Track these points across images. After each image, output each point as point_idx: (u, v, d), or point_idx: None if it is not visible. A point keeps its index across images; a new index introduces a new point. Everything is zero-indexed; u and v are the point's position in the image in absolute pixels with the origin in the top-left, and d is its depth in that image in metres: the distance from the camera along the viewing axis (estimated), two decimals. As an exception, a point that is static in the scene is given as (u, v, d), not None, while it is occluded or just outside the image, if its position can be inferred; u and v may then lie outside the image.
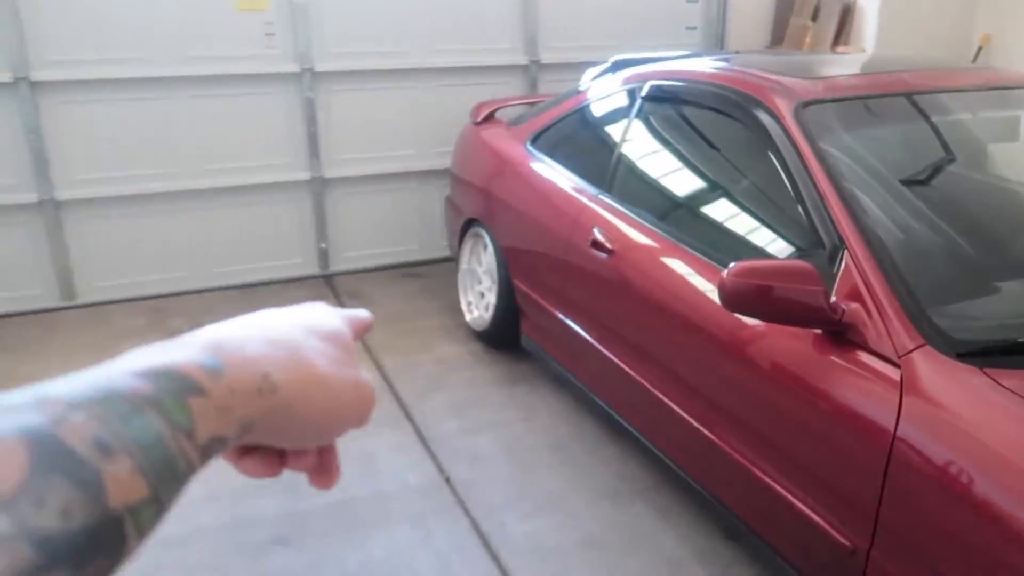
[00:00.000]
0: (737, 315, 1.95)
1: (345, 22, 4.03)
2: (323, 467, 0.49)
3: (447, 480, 2.59)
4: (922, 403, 1.57)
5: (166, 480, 0.32)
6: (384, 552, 2.26)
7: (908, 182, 2.18)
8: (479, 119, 3.74)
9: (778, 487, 1.89)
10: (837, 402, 1.73)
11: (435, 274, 4.25)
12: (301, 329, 0.44)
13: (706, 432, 2.12)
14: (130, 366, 0.34)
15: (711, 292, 2.08)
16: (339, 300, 4.00)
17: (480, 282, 3.53)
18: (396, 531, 2.35)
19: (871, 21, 4.51)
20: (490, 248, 3.37)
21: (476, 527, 2.37)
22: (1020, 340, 1.63)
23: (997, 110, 2.51)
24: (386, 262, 4.40)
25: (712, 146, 2.66)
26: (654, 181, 2.73)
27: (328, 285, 4.19)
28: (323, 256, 4.29)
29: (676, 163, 2.72)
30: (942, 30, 4.59)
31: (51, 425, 0.30)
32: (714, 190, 2.55)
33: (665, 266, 2.35)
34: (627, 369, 2.47)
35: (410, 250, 4.45)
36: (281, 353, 0.41)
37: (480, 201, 3.46)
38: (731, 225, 2.37)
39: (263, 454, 0.46)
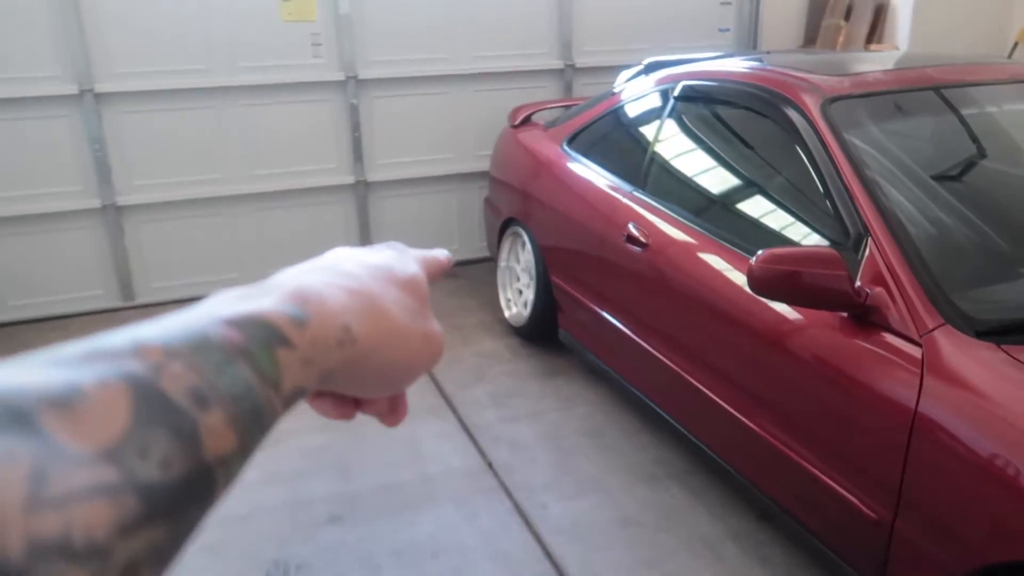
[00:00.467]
0: (765, 301, 2.05)
1: (387, 31, 4.19)
2: (392, 408, 0.49)
3: (489, 465, 2.72)
4: (942, 378, 1.65)
5: (253, 431, 0.33)
6: (431, 529, 2.40)
7: (932, 173, 2.26)
8: (516, 122, 3.88)
9: (807, 465, 1.98)
10: (862, 381, 1.81)
11: (475, 273, 4.39)
12: (380, 277, 0.44)
13: (738, 415, 2.22)
14: (220, 312, 0.34)
15: (741, 281, 2.17)
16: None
17: (518, 279, 3.65)
18: (442, 511, 2.48)
19: (904, 19, 4.55)
20: (528, 246, 3.49)
21: (518, 507, 2.49)
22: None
23: (1022, 102, 2.56)
24: (427, 262, 4.53)
25: (743, 142, 2.75)
26: (686, 177, 2.83)
27: (372, 284, 4.35)
28: (367, 257, 4.45)
29: (708, 159, 2.82)
30: (977, 26, 4.61)
31: (151, 373, 0.30)
32: (744, 184, 2.64)
33: (697, 257, 2.45)
34: (661, 358, 2.57)
35: (451, 250, 4.55)
36: (360, 304, 0.41)
37: (518, 201, 3.59)
38: (760, 217, 2.47)
39: (337, 396, 0.46)
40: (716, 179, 2.73)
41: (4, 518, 0.23)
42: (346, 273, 0.43)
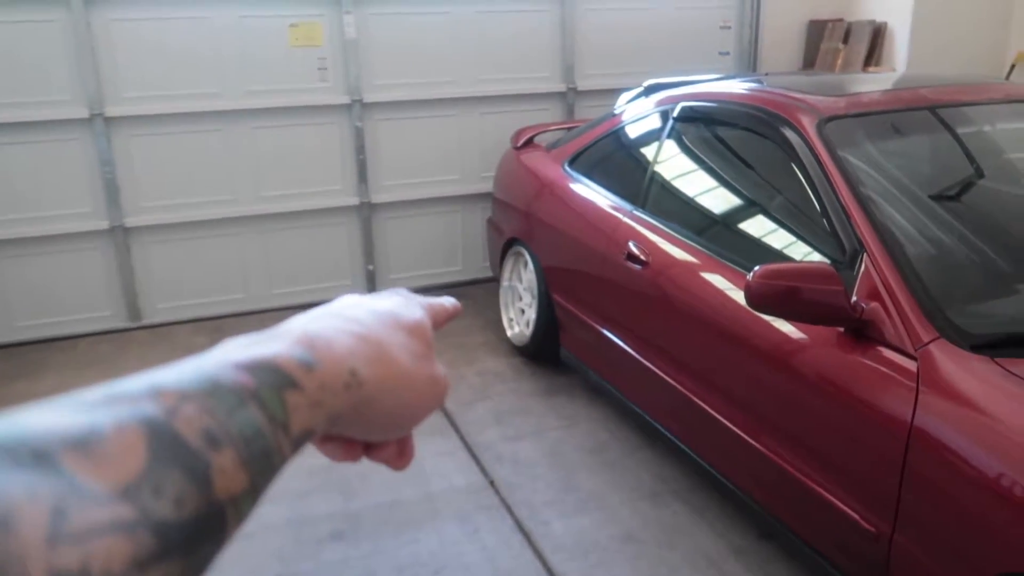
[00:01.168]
0: (763, 317, 2.08)
1: (392, 55, 4.26)
2: (399, 451, 0.50)
3: (491, 483, 2.73)
4: (937, 391, 1.67)
5: (263, 471, 0.34)
6: (434, 547, 2.40)
7: (926, 190, 2.29)
8: (519, 144, 3.93)
9: (806, 480, 1.99)
10: (859, 395, 1.83)
11: (478, 294, 4.42)
12: (387, 323, 0.46)
13: (737, 431, 2.23)
14: (232, 357, 0.36)
15: (739, 297, 2.19)
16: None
17: (521, 299, 3.68)
18: (444, 528, 2.49)
19: (902, 41, 4.60)
20: (530, 266, 3.52)
21: (520, 524, 2.50)
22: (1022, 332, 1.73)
23: (1015, 121, 2.60)
24: (430, 283, 4.58)
25: (740, 162, 2.79)
26: (685, 196, 2.86)
27: (376, 305, 4.38)
28: (370, 278, 4.49)
29: (706, 179, 2.86)
30: (974, 48, 4.66)
31: (166, 416, 0.31)
32: (742, 203, 2.67)
33: (696, 274, 2.47)
34: (661, 375, 2.58)
35: (454, 271, 4.63)
36: (367, 348, 0.42)
37: (520, 221, 3.63)
38: (757, 234, 2.49)
39: (346, 440, 0.47)
40: (715, 198, 2.77)
41: (27, 551, 0.24)
42: (353, 319, 0.44)
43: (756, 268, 1.95)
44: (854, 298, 1.91)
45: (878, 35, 4.70)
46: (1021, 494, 1.48)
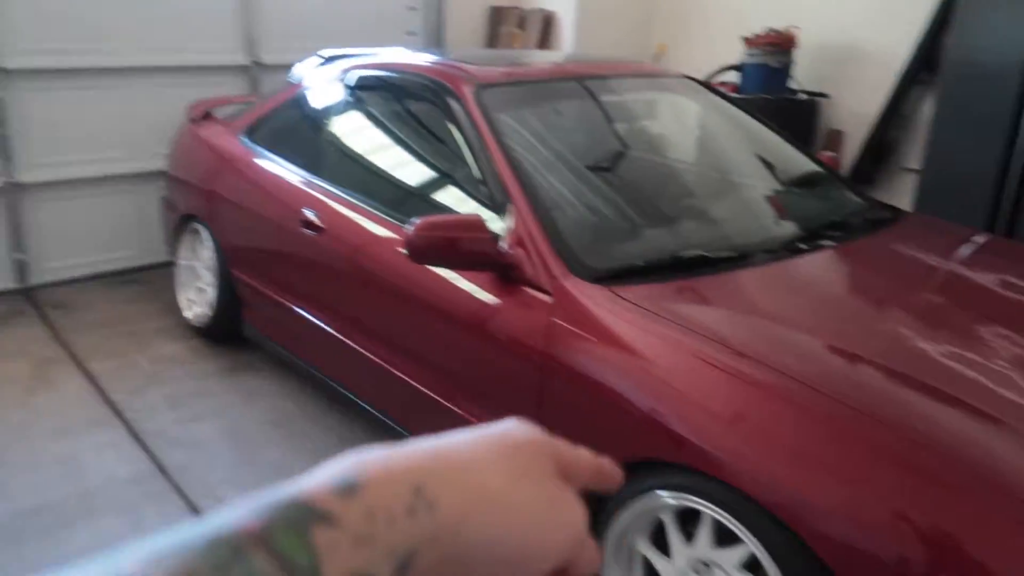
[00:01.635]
0: (426, 268, 2.15)
1: (41, 17, 3.76)
2: None
3: (161, 469, 2.52)
4: (564, 318, 1.85)
5: None
6: (87, 543, 2.17)
7: (568, 149, 2.51)
8: (195, 117, 3.68)
9: (474, 419, 2.10)
10: (508, 332, 1.97)
11: (155, 278, 4.07)
12: (481, 441, 0.37)
13: (412, 382, 2.29)
14: (252, 500, 0.30)
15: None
16: (42, 313, 3.69)
17: (200, 278, 3.46)
18: (101, 522, 2.26)
19: (568, 30, 5.05)
20: (208, 243, 3.32)
21: (191, 505, 2.34)
22: (637, 264, 1.98)
23: (639, 94, 2.96)
24: (100, 270, 4.13)
25: (410, 126, 2.86)
26: (359, 161, 2.88)
27: (27, 299, 3.85)
28: (20, 268, 3.93)
29: (378, 143, 2.89)
30: (628, 38, 5.26)
31: None
32: (411, 164, 2.74)
33: (368, 234, 2.49)
34: (340, 336, 2.58)
35: (127, 256, 4.22)
36: (440, 463, 0.34)
37: (196, 197, 3.40)
38: (425, 192, 2.58)
39: None
40: (386, 161, 2.81)
41: None
42: (436, 437, 0.36)
43: (415, 221, 2.01)
44: (503, 244, 2.05)
45: (548, 23, 5.11)
46: (625, 396, 1.69)
